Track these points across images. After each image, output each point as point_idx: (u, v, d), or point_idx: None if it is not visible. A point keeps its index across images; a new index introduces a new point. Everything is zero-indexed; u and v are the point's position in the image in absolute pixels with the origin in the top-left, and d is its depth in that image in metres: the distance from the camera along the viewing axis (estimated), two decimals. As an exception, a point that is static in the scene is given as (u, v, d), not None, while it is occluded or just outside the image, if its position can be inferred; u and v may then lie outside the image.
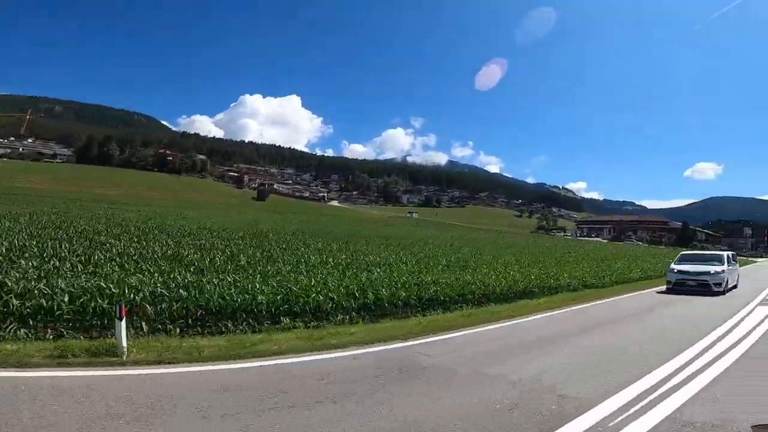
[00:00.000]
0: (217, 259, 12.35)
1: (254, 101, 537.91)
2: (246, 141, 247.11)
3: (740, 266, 42.50)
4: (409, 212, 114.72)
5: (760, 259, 59.38)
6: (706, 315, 10.02)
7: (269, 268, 11.69)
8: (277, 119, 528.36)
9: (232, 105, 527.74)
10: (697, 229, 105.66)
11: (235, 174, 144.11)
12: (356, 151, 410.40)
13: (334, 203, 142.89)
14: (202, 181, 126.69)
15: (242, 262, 12.25)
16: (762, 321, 9.05)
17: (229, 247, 16.23)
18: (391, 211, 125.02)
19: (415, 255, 20.31)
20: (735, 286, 16.21)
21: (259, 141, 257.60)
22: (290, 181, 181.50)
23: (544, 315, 9.78)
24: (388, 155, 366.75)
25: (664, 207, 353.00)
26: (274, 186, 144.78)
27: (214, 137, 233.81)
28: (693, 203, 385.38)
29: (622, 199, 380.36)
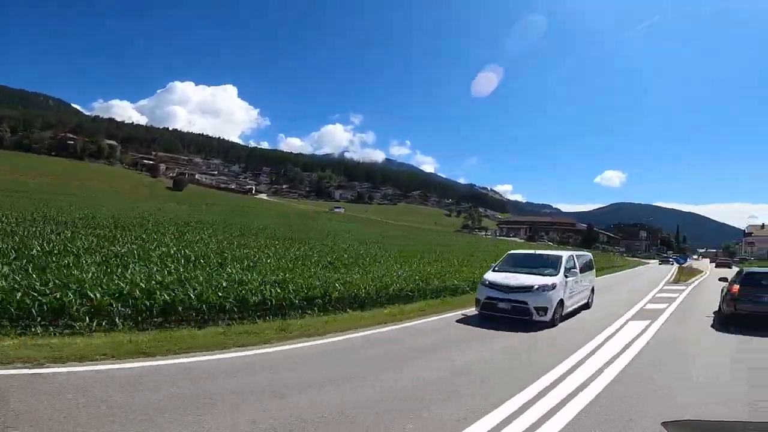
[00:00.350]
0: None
1: (185, 88, 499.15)
2: (170, 129, 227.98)
3: (629, 268, 44.77)
4: (336, 207, 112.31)
5: (651, 261, 64.45)
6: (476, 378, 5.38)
7: (67, 260, 8.95)
8: (210, 108, 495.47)
9: (159, 91, 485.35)
10: (600, 231, 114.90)
11: (151, 162, 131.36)
12: (293, 144, 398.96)
13: (263, 196, 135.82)
14: (108, 167, 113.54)
15: (33, 252, 9.34)
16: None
17: (61, 235, 13.15)
18: (320, 206, 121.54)
19: (311, 250, 18.23)
20: (587, 306, 11.49)
21: (186, 129, 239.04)
22: (216, 172, 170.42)
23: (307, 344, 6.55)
24: (326, 150, 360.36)
25: (576, 210, 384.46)
26: (196, 176, 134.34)
27: (133, 123, 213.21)
28: (601, 207, 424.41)
29: (541, 202, 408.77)
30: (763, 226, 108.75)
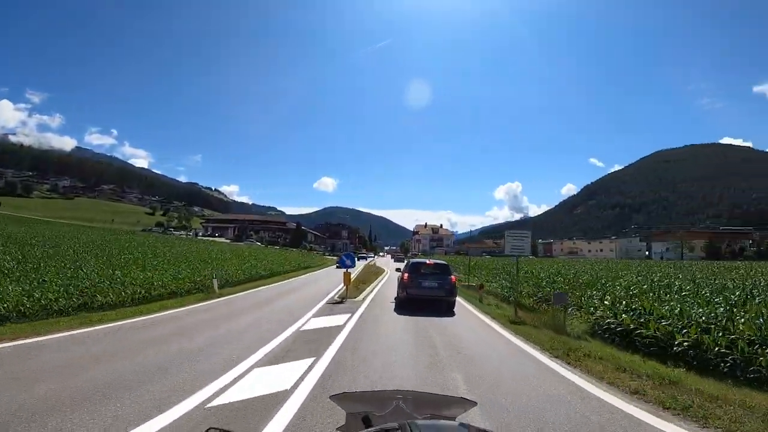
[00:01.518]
0: None
1: None
2: None
3: (329, 266, 40.10)
4: None
5: (330, 257, 61.93)
6: None
7: None
8: None
9: None
10: (308, 230, 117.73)
11: None
12: None
13: None
14: None
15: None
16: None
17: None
18: None
19: None
20: None
21: None
22: None
23: None
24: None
25: (298, 213, 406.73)
26: None
27: None
28: (318, 210, 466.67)
29: (268, 204, 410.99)
30: (425, 225, 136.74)
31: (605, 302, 9.53)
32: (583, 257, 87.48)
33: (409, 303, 11.31)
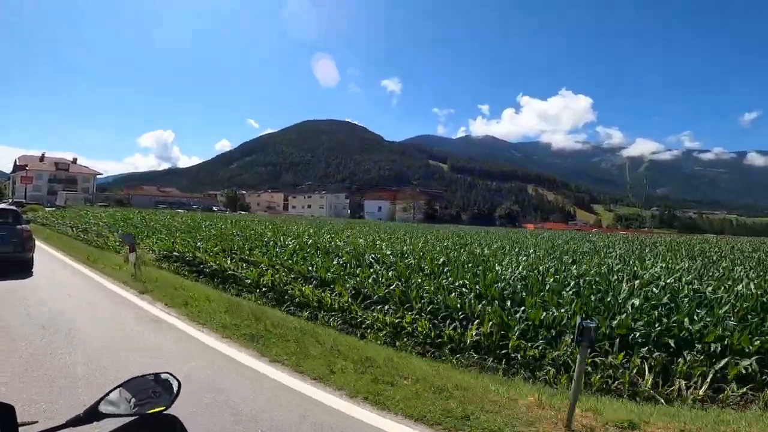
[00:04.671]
0: None
1: None
2: None
3: None
4: None
5: None
6: None
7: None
8: None
9: None
10: None
11: None
12: None
13: None
14: None
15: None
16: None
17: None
18: None
19: None
20: None
21: None
22: None
23: None
24: None
25: None
26: None
27: None
28: None
29: None
30: (42, 158, 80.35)
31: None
32: (298, 215, 71.67)
33: None
